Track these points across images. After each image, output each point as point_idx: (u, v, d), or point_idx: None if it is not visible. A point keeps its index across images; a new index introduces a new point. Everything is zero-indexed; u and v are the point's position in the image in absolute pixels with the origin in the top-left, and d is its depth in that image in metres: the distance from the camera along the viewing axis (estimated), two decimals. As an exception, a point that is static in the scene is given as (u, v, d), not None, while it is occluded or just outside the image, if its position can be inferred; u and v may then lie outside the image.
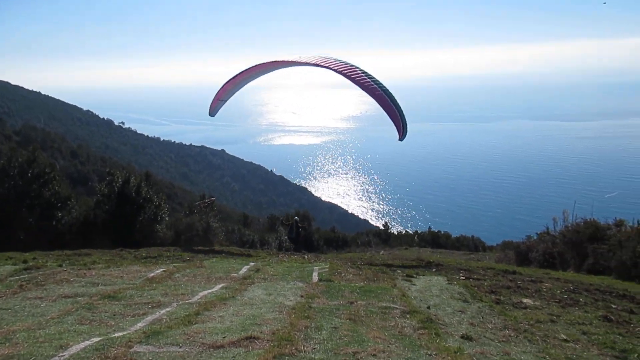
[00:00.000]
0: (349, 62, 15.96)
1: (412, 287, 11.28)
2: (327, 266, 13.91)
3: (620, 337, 8.31)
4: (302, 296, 9.37)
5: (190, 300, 8.75)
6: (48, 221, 21.34)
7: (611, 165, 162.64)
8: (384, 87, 15.55)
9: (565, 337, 7.99)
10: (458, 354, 6.27)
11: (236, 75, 18.56)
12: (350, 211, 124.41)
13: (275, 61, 17.40)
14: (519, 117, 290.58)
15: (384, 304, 8.97)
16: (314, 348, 6.09)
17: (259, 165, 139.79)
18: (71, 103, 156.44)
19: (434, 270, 14.91)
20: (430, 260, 19.04)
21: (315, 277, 11.90)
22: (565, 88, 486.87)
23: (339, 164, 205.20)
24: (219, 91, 19.59)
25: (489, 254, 41.56)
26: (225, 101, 19.75)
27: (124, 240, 20.59)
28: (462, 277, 13.37)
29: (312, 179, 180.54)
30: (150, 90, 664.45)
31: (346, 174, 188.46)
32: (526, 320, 8.92)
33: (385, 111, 15.77)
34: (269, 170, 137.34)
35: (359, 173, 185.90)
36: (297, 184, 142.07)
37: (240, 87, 19.24)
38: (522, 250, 31.44)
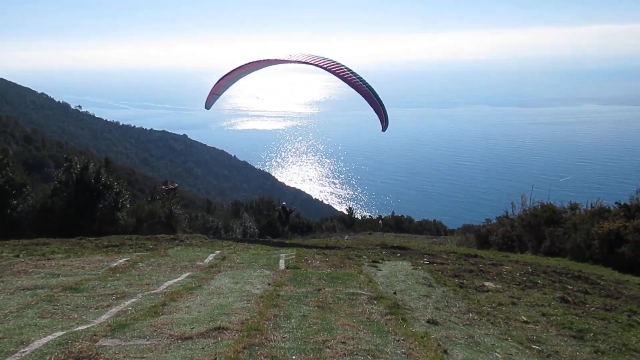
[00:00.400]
0: (335, 60, 17.23)
1: (378, 272, 11.41)
2: (294, 253, 13.93)
3: (577, 318, 8.65)
4: (269, 284, 9.35)
5: (155, 291, 8.61)
6: (2, 209, 20.55)
7: (565, 150, 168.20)
8: (367, 83, 16.82)
9: (525, 319, 8.26)
10: (425, 338, 6.39)
11: (231, 71, 19.37)
12: (314, 196, 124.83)
13: (268, 59, 18.48)
14: (480, 103, 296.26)
15: (351, 291, 9.05)
16: (284, 337, 6.09)
17: (222, 151, 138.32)
18: (24, 85, 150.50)
19: (398, 255, 15.12)
20: (394, 244, 19.31)
21: (282, 264, 11.90)
22: (523, 75, 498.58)
23: (303, 149, 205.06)
24: (214, 86, 20.41)
25: (450, 237, 42.54)
26: (220, 95, 20.09)
27: (83, 229, 20.02)
28: (426, 262, 13.61)
29: (276, 164, 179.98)
30: (108, 73, 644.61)
31: (310, 159, 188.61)
32: (488, 303, 9.17)
33: (370, 105, 17.10)
34: (232, 155, 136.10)
35: (323, 158, 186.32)
36: (261, 170, 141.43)
37: (234, 82, 20.33)
38: (482, 233, 32.31)
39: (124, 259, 11.88)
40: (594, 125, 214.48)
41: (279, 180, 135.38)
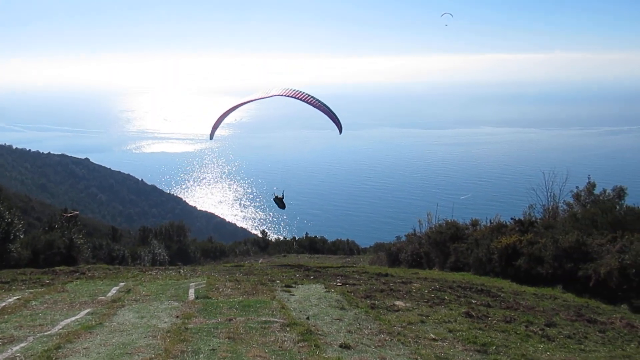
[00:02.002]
0: (296, 88, 20.40)
1: (291, 297, 11.31)
2: (204, 281, 13.46)
3: (480, 332, 9.05)
4: (177, 317, 8.94)
5: (50, 332, 7.90)
6: None
7: (465, 169, 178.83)
8: (323, 102, 20.53)
9: (434, 337, 8.51)
10: (337, 364, 6.37)
11: (226, 112, 22.01)
12: (227, 220, 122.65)
13: (252, 99, 21.18)
14: (386, 125, 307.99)
15: (264, 319, 8.87)
16: (192, 374, 5.80)
17: (129, 175, 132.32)
18: None
19: (312, 278, 15.12)
20: (308, 266, 19.33)
21: (191, 294, 11.44)
22: (427, 98, 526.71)
23: (214, 171, 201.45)
24: (213, 125, 22.79)
25: (363, 256, 43.47)
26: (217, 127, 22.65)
27: (-32, 265, 18.15)
28: (339, 284, 13.71)
29: (187, 187, 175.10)
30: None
31: (222, 181, 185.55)
32: (399, 322, 9.37)
33: (330, 118, 20.87)
34: (140, 179, 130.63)
35: (235, 181, 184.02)
36: (171, 194, 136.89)
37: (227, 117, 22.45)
38: (392, 251, 33.33)
39: (15, 298, 10.85)
40: (489, 146, 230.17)
41: (190, 204, 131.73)
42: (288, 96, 19.62)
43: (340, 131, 21.95)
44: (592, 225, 20.78)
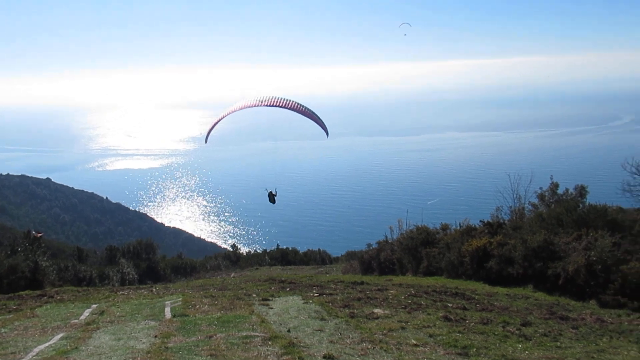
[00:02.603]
0: (280, 96, 20.76)
1: (270, 311, 11.23)
2: (180, 299, 13.24)
3: (460, 335, 9.19)
4: (156, 336, 8.76)
5: None
6: None
7: (433, 174, 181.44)
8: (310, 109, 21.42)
9: (415, 342, 8.59)
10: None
11: (220, 118, 21.71)
12: (196, 235, 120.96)
13: (243, 105, 20.86)
14: (354, 134, 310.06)
15: (244, 334, 8.78)
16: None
17: (93, 193, 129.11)
18: None
19: (288, 290, 15.06)
20: (283, 278, 19.24)
21: (168, 312, 11.23)
22: (391, 106, 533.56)
23: (181, 186, 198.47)
24: (208, 130, 23.08)
25: (336, 265, 43.48)
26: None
27: None
28: (315, 294, 13.70)
29: (153, 204, 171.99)
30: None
31: (189, 196, 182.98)
32: (380, 330, 9.42)
33: (316, 122, 21.73)
34: (104, 197, 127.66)
35: (202, 195, 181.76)
36: (137, 211, 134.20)
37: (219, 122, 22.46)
38: (365, 259, 33.45)
39: (-18, 326, 10.44)
40: (455, 151, 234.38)
41: (158, 220, 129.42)
42: (278, 105, 20.20)
43: (327, 134, 23.13)
44: (558, 224, 21.36)
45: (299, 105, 20.65)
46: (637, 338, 9.86)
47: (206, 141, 23.86)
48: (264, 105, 20.25)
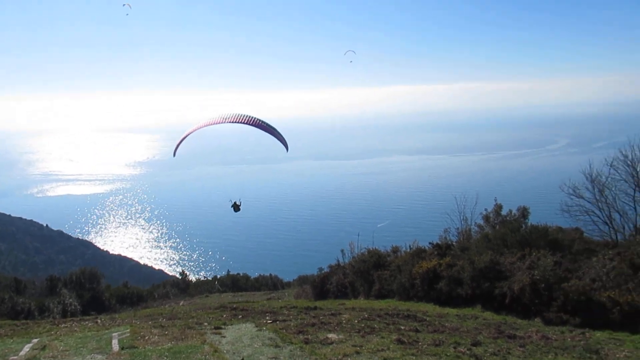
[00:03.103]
0: (243, 113, 21.68)
1: (222, 339, 11.00)
2: (128, 330, 12.74)
3: (414, 357, 9.31)
4: (103, 371, 8.40)
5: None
6: None
7: (382, 197, 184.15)
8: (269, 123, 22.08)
9: (370, 366, 8.62)
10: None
11: (187, 133, 22.74)
12: (143, 262, 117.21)
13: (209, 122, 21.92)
14: (304, 158, 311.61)
15: (197, 364, 8.56)
16: None
17: (32, 221, 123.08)
18: None
19: (240, 317, 14.81)
20: (235, 305, 18.90)
21: (115, 345, 10.79)
22: (342, 131, 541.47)
23: (126, 212, 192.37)
24: (177, 145, 23.81)
25: (288, 290, 43.12)
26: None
27: None
28: (269, 321, 13.53)
29: (97, 231, 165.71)
30: None
31: (135, 223, 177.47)
32: (334, 355, 9.40)
33: (276, 137, 22.15)
34: (44, 225, 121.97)
35: (149, 221, 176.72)
36: (80, 238, 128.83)
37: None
38: (317, 283, 33.35)
39: None
40: (402, 173, 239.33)
41: (101, 248, 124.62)
42: (241, 122, 21.27)
43: (287, 149, 23.99)
44: (503, 245, 22.13)
45: (260, 122, 21.75)
46: (580, 354, 10.28)
47: (174, 155, 24.82)
48: (228, 122, 21.19)
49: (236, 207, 25.86)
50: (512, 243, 21.91)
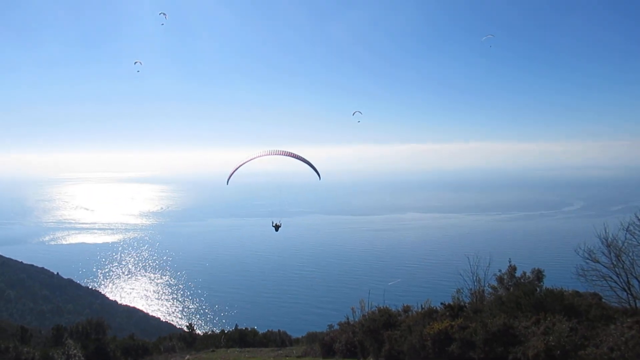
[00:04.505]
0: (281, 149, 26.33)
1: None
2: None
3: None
4: None
5: None
6: None
7: (395, 254, 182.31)
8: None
9: None
10: None
11: (239, 166, 27.22)
12: (151, 313, 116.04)
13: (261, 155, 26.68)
14: (315, 212, 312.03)
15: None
16: None
17: (43, 268, 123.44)
18: None
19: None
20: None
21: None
22: (352, 186, 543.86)
23: (137, 263, 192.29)
24: (229, 175, 28.00)
25: (295, 347, 42.16)
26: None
27: None
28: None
29: (107, 280, 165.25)
30: None
31: (146, 273, 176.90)
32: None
33: (310, 166, 26.63)
34: (55, 273, 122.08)
35: (159, 272, 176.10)
36: (89, 287, 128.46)
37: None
38: (326, 342, 32.62)
39: None
40: (415, 231, 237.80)
41: (110, 298, 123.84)
42: (284, 154, 25.16)
43: (320, 177, 27.71)
44: (517, 308, 21.60)
45: (296, 155, 25.55)
46: None
47: (227, 183, 28.50)
48: (272, 155, 25.08)
49: (276, 228, 31.39)
50: (526, 306, 21.38)
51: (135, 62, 65.00)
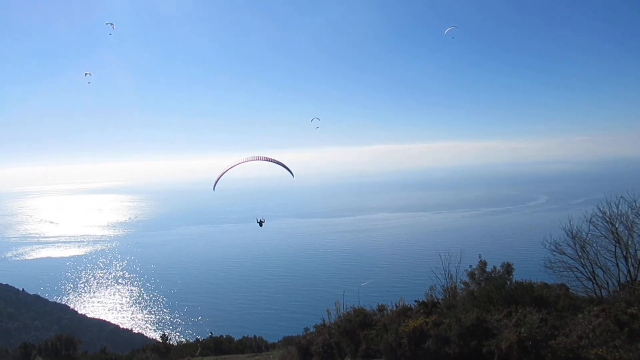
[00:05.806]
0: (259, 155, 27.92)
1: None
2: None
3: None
4: None
5: None
6: None
7: (366, 255, 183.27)
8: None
9: None
10: None
11: (224, 172, 28.92)
12: (122, 326, 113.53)
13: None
14: (287, 216, 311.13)
15: None
16: None
17: (7, 285, 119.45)
18: None
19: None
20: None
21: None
22: (320, 189, 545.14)
23: (106, 274, 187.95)
24: (215, 181, 29.61)
25: (272, 352, 42.00)
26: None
27: None
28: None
29: (76, 294, 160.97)
30: None
31: (116, 285, 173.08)
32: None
33: (284, 167, 28.39)
34: (20, 289, 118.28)
35: (130, 283, 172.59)
36: (57, 302, 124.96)
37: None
38: (303, 344, 32.60)
39: None
40: (386, 231, 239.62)
41: (79, 312, 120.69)
42: (262, 159, 26.79)
43: (293, 175, 28.77)
44: (489, 302, 22.09)
45: (270, 158, 27.46)
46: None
47: (214, 189, 29.80)
48: (249, 161, 26.72)
49: (261, 223, 31.68)
50: (497, 300, 21.89)
51: (86, 74, 64.01)
